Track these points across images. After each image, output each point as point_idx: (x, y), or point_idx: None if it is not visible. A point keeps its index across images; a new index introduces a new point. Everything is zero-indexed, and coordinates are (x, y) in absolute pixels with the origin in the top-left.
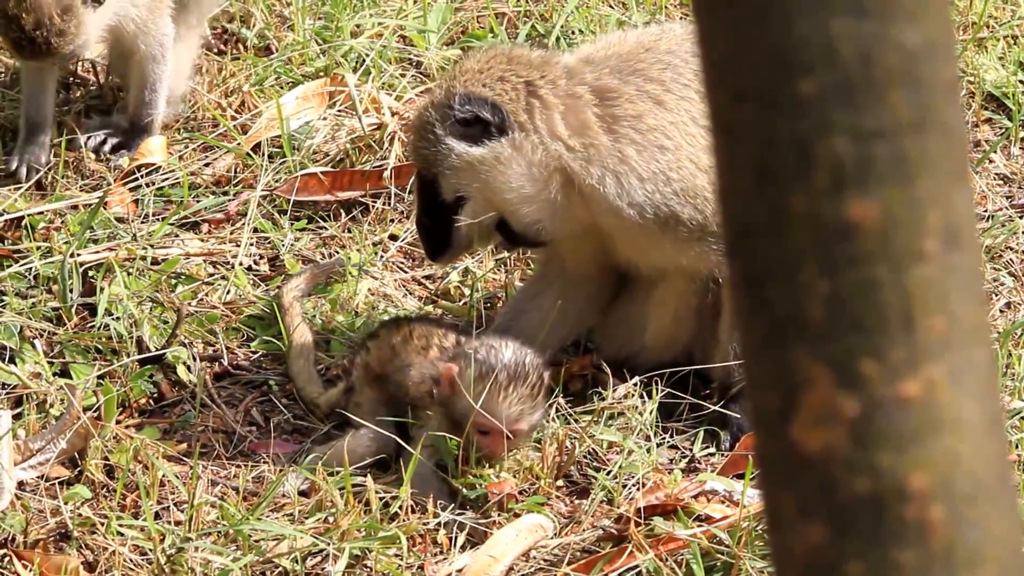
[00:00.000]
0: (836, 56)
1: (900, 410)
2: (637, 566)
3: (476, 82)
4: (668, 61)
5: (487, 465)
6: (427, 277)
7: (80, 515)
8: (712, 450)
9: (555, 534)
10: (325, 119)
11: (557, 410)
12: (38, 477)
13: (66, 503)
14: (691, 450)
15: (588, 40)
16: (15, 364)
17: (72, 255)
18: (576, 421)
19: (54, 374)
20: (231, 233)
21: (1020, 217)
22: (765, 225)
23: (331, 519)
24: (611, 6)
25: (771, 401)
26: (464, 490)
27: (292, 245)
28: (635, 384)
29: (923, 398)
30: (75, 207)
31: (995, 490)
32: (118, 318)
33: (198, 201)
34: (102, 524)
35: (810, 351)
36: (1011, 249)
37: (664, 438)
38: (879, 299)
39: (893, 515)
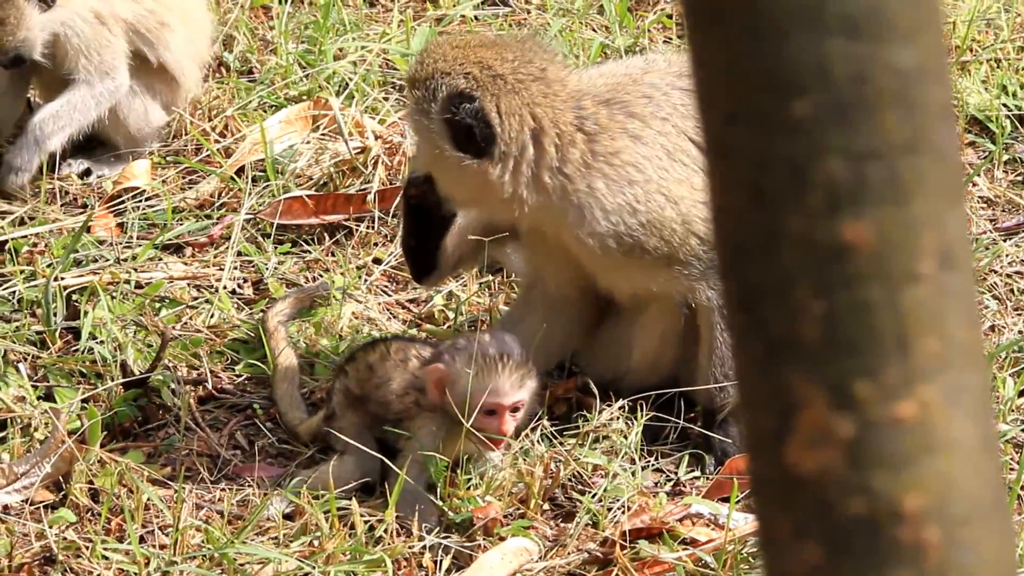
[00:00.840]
0: (829, 77)
1: (895, 431)
2: None
3: (494, 96)
4: (650, 94)
5: (472, 487)
6: (411, 300)
7: (65, 539)
8: (697, 473)
9: (540, 557)
10: (308, 143)
11: (542, 432)
12: (22, 501)
13: (51, 527)
14: (676, 473)
15: (581, 65)
16: None
17: (56, 279)
18: (561, 444)
19: (38, 398)
20: (215, 257)
21: (1004, 240)
22: (759, 246)
23: (316, 543)
24: (594, 30)
25: (765, 422)
26: (450, 513)
27: (276, 268)
28: (620, 407)
29: (918, 419)
30: (59, 231)
31: (989, 512)
32: (102, 342)
33: (181, 224)
34: (87, 548)
35: (804, 372)
36: (995, 272)
37: (649, 461)
38: (873, 320)
39: (888, 536)
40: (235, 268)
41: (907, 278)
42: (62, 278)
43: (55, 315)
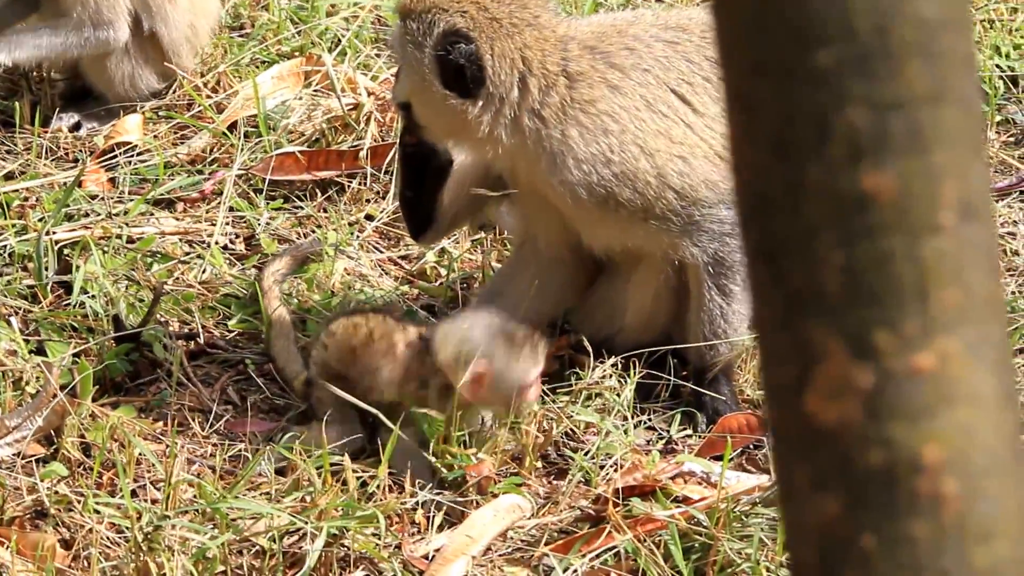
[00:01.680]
0: (853, 28)
1: (914, 382)
2: (615, 547)
3: (489, 39)
4: (632, 46)
5: (465, 444)
6: (403, 257)
7: (57, 493)
8: (689, 431)
9: (532, 514)
10: (300, 99)
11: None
12: (14, 454)
13: (42, 480)
14: (668, 431)
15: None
16: None
17: (47, 233)
18: (553, 402)
19: (30, 352)
20: (206, 212)
21: (996, 201)
22: (781, 198)
23: (308, 498)
24: None
25: (786, 374)
26: (443, 470)
27: (268, 224)
28: (613, 365)
29: (937, 371)
30: (50, 185)
31: (1009, 464)
32: (94, 296)
33: (173, 180)
34: (79, 502)
35: (824, 323)
36: None
37: (641, 419)
38: (894, 271)
39: (906, 488)
40: (227, 224)
41: (928, 229)
42: (53, 232)
43: (46, 269)
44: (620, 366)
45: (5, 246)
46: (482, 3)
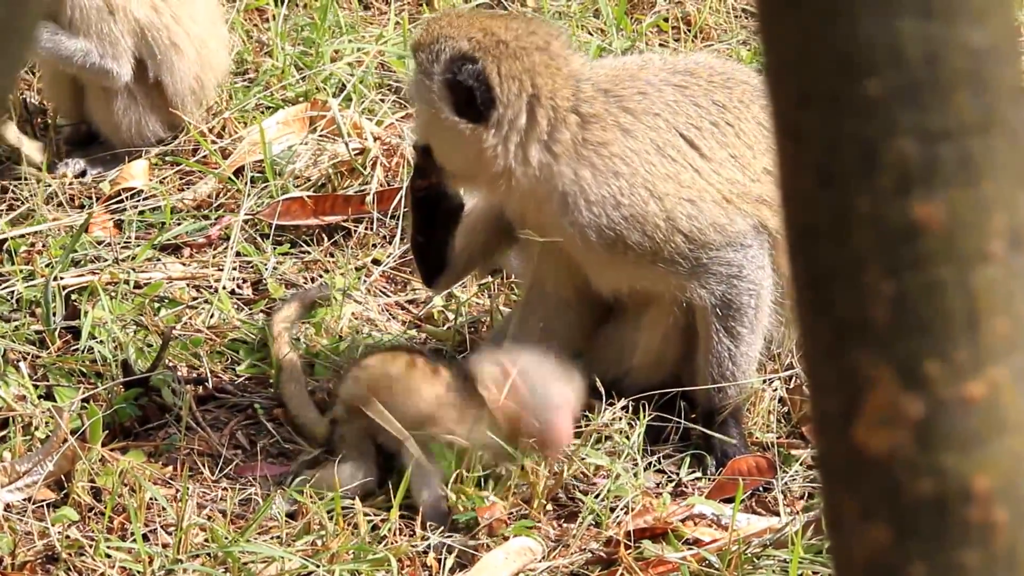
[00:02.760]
0: (902, 57)
1: (964, 411)
2: None
3: (496, 59)
4: (645, 90)
5: (479, 486)
6: (410, 302)
7: (68, 537)
8: (698, 474)
9: (544, 557)
10: (306, 144)
11: None
12: (25, 499)
13: (53, 525)
14: (678, 474)
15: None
16: None
17: (55, 278)
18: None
19: (39, 397)
20: (213, 257)
21: None
22: (829, 227)
23: (320, 541)
24: (590, 33)
25: (834, 403)
26: (457, 510)
27: (275, 269)
28: (623, 407)
29: (987, 399)
30: (57, 230)
31: None
32: (102, 341)
33: (179, 225)
34: (90, 547)
35: (874, 353)
36: None
37: (651, 461)
38: (944, 300)
39: (957, 517)
40: (234, 268)
41: (978, 258)
42: (61, 278)
43: (54, 315)
44: (629, 408)
45: (12, 291)
46: (489, 28)
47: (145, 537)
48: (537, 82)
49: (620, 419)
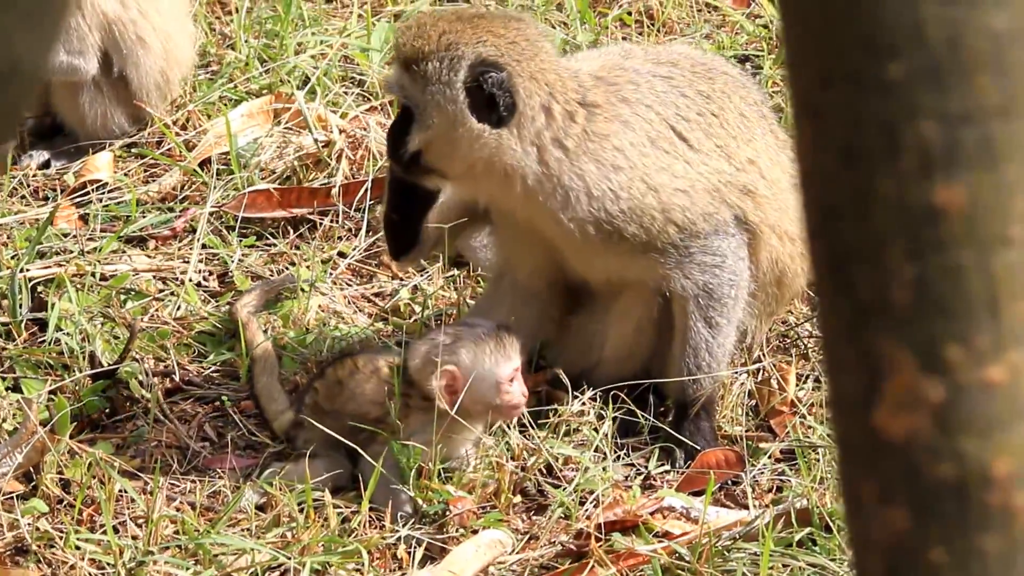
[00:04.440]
0: (924, 39)
1: (985, 395)
2: None
3: (515, 62)
4: (635, 80)
5: (444, 480)
6: (376, 294)
7: (38, 529)
8: (668, 467)
9: (514, 550)
10: (271, 136)
11: (513, 424)
12: None
13: (23, 517)
14: (647, 467)
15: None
16: None
17: (21, 270)
18: (530, 439)
19: (6, 389)
20: (179, 250)
21: None
22: (850, 208)
23: (290, 534)
24: (553, 26)
25: (853, 386)
26: (423, 505)
27: (241, 261)
28: (591, 398)
29: (1008, 383)
30: (21, 222)
31: None
32: (68, 333)
33: (144, 217)
34: (60, 538)
35: (894, 336)
36: None
37: (619, 454)
38: (965, 284)
39: (977, 501)
40: (200, 261)
41: (999, 242)
42: (27, 270)
43: (21, 307)
44: (599, 400)
45: None
46: (496, 31)
47: (115, 529)
48: (550, 79)
49: (589, 412)
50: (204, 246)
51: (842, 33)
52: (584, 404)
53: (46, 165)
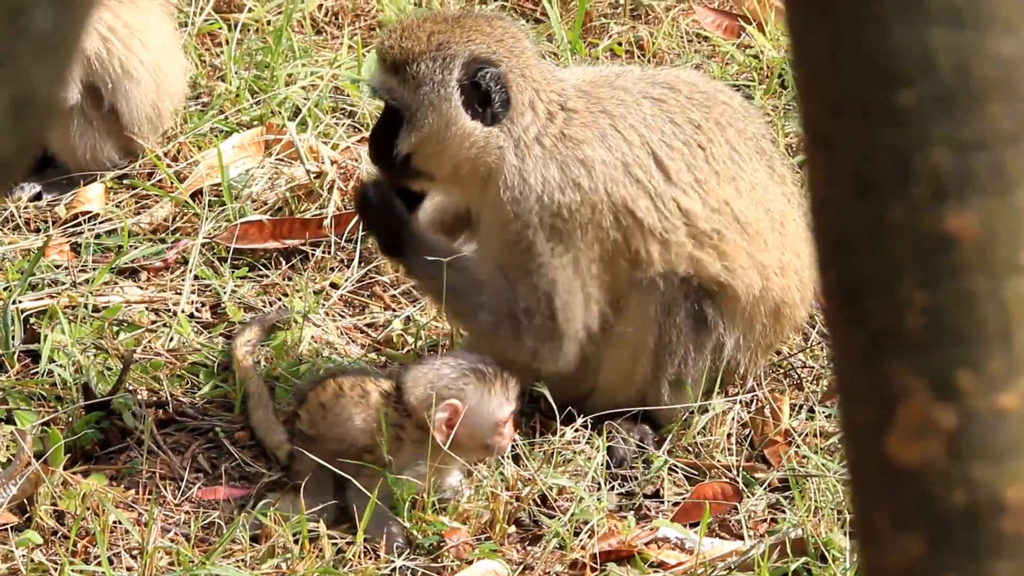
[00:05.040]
0: (934, 67)
1: (997, 422)
2: None
3: (506, 59)
4: (623, 99)
5: (438, 511)
6: (369, 325)
7: (32, 560)
8: (661, 499)
9: None
10: (263, 167)
11: (506, 454)
12: None
13: (17, 548)
14: (641, 497)
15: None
16: None
17: (13, 302)
18: (524, 468)
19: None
20: (171, 281)
21: None
22: (862, 237)
23: (285, 565)
24: (544, 56)
25: (866, 414)
26: (418, 536)
27: (233, 293)
28: (584, 425)
29: (1020, 410)
30: (12, 254)
31: None
32: (61, 365)
33: (136, 249)
34: (55, 570)
35: (907, 363)
36: None
37: (613, 484)
38: (977, 311)
39: (990, 528)
40: (192, 292)
41: (1011, 269)
42: (19, 301)
43: (13, 338)
44: (592, 427)
45: None
46: (482, 29)
47: (110, 560)
48: (535, 77)
49: (581, 441)
50: (196, 277)
51: (851, 61)
52: (577, 433)
53: (37, 197)
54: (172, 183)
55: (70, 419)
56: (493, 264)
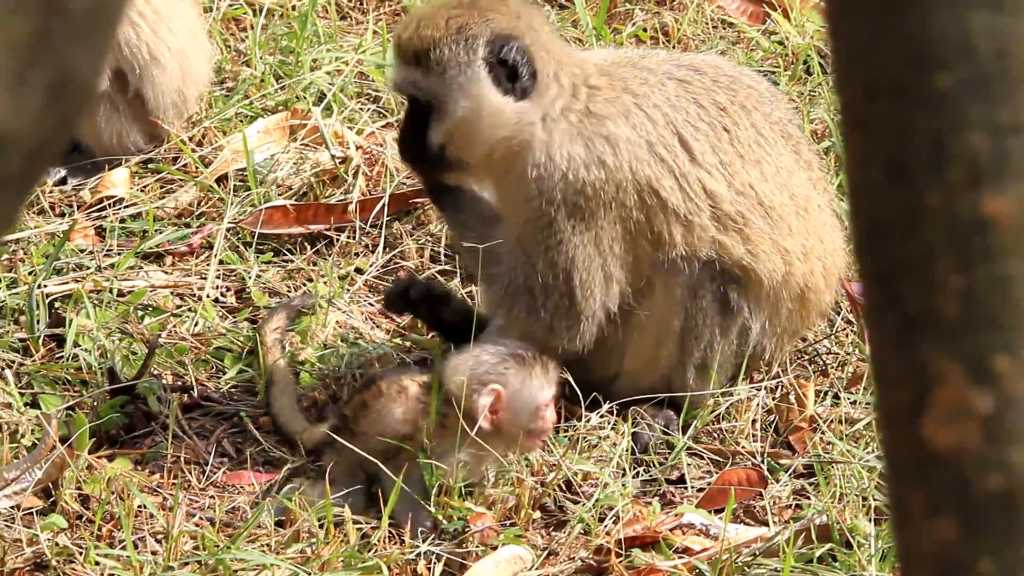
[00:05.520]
0: (972, 50)
1: None
2: None
3: (527, 33)
4: (647, 78)
5: (465, 496)
6: None
7: (57, 544)
8: (687, 483)
9: (533, 566)
10: (287, 152)
11: None
12: (12, 507)
13: (42, 532)
14: (665, 482)
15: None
16: None
17: (38, 286)
18: (550, 454)
19: (25, 405)
20: (195, 266)
21: None
22: (898, 221)
23: (310, 549)
24: (569, 43)
25: (901, 398)
26: (443, 521)
27: (258, 278)
28: (609, 411)
29: None
30: (38, 238)
31: None
32: (86, 349)
33: (161, 233)
34: (80, 554)
35: (943, 347)
36: None
37: (638, 470)
38: (1013, 295)
39: None
40: (217, 277)
41: None
42: (44, 286)
43: (38, 322)
44: (616, 412)
45: None
46: (497, 8)
47: (135, 545)
48: (556, 51)
49: (606, 426)
50: (221, 262)
51: (889, 44)
52: (602, 418)
53: (63, 181)
54: (197, 168)
55: (95, 403)
56: (513, 238)
